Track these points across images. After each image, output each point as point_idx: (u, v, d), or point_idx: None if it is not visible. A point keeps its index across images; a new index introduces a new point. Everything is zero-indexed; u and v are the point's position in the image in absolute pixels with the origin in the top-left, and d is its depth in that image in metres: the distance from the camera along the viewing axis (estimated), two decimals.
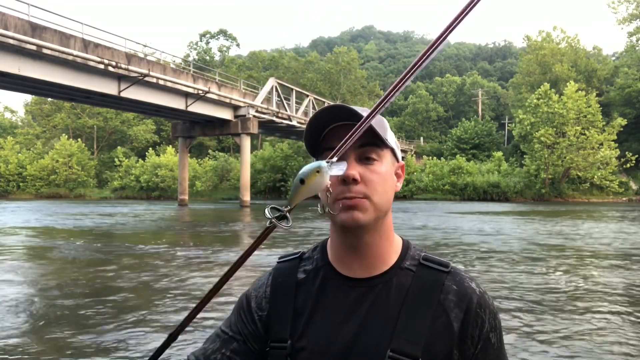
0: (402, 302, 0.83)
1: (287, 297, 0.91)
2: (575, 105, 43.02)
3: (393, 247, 0.88)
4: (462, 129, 61.81)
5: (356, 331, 0.83)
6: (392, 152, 0.87)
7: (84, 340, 4.67)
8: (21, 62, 19.66)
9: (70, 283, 7.59)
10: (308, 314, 0.88)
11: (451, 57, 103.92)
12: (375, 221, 0.83)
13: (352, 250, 0.87)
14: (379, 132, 0.82)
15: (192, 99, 29.03)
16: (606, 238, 13.76)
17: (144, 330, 5.00)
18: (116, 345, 4.55)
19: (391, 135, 0.88)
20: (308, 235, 14.34)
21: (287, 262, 0.97)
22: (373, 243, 0.86)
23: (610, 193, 44.68)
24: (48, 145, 63.36)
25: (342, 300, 0.86)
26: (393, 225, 0.90)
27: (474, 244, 12.26)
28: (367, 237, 0.85)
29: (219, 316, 5.30)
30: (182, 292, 6.84)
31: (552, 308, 5.96)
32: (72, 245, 12.46)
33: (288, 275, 0.93)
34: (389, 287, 0.85)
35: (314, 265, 0.92)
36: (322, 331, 0.85)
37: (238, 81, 35.47)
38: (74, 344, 4.58)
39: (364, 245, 0.86)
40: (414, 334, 0.81)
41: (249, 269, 8.57)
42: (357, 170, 0.82)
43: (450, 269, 0.86)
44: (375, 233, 0.85)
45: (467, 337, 0.82)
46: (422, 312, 0.82)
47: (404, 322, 0.81)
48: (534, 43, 58.43)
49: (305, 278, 0.91)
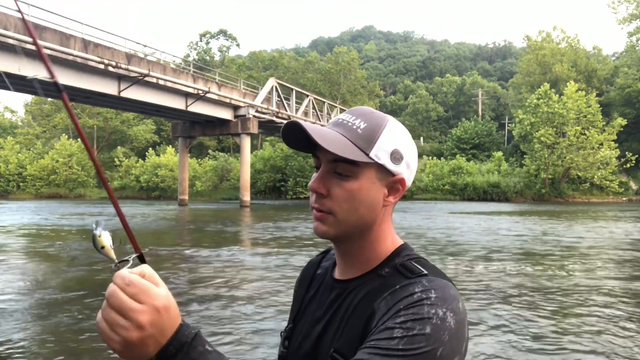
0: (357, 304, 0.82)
1: (303, 287, 0.99)
2: (575, 105, 43.01)
3: (379, 253, 0.86)
4: (462, 129, 61.79)
5: (323, 328, 0.85)
6: (379, 167, 0.82)
7: (83, 341, 4.67)
8: (21, 62, 19.65)
9: (71, 283, 7.59)
10: (305, 305, 0.94)
11: (451, 57, 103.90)
12: (343, 234, 0.84)
13: (337, 253, 0.90)
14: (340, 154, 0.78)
15: (192, 99, 29.03)
16: (606, 238, 13.76)
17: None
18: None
19: (385, 146, 0.82)
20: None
21: (316, 257, 1.05)
22: (352, 250, 0.86)
23: (610, 193, 44.69)
24: (48, 145, 63.35)
25: (325, 299, 0.89)
26: (391, 231, 0.87)
27: (474, 244, 12.25)
28: (343, 245, 0.86)
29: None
30: (182, 292, 6.84)
31: (552, 308, 5.96)
32: (72, 245, 12.46)
33: (310, 268, 1.02)
34: (357, 291, 0.84)
35: (329, 263, 0.98)
36: (306, 324, 0.90)
37: (238, 81, 35.46)
38: (74, 344, 4.58)
39: (343, 251, 0.87)
40: (353, 334, 0.79)
41: (250, 268, 8.57)
42: (324, 184, 0.82)
43: (416, 277, 0.78)
44: (353, 242, 0.85)
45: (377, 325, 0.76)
46: (361, 313, 0.80)
47: (350, 323, 0.81)
48: (534, 43, 58.41)
49: (320, 273, 0.98)
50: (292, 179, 50.53)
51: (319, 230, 0.84)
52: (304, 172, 50.91)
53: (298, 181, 50.47)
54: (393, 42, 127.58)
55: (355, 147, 0.80)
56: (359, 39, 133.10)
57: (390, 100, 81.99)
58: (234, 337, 4.82)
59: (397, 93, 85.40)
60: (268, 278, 7.76)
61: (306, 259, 1.41)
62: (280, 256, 10.10)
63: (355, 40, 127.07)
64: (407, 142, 0.85)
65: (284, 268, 8.63)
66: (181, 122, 35.79)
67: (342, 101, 60.15)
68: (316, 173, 0.85)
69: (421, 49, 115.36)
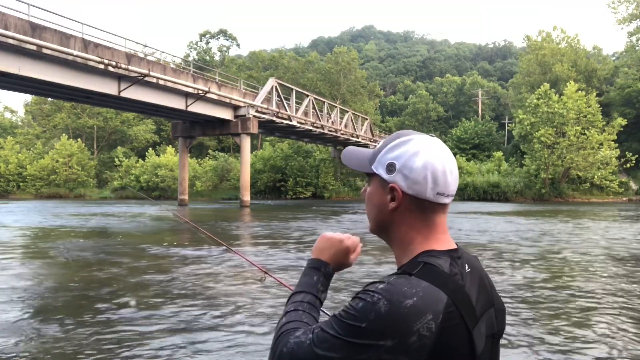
0: None
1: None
2: (575, 105, 43.01)
3: (406, 254, 1.00)
4: (462, 129, 61.82)
5: None
6: (380, 177, 1.02)
7: (83, 341, 4.67)
8: (21, 62, 19.64)
9: (70, 283, 7.59)
10: None
11: (451, 57, 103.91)
12: (375, 230, 1.06)
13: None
14: (351, 166, 1.06)
15: (192, 99, 29.02)
16: (605, 238, 13.76)
17: (144, 331, 5.00)
18: (117, 345, 4.55)
19: (384, 159, 1.01)
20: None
21: None
22: (390, 246, 1.06)
23: (610, 193, 44.69)
24: (48, 145, 63.37)
25: None
26: (419, 235, 1.00)
27: (472, 243, 12.25)
28: (384, 240, 1.07)
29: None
30: (181, 292, 6.84)
31: (550, 309, 5.95)
32: (71, 245, 12.45)
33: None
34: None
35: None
36: None
37: (238, 81, 35.42)
38: (74, 345, 4.58)
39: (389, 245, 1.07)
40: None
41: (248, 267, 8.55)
42: (364, 191, 1.07)
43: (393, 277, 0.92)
44: (385, 240, 1.06)
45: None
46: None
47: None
48: (534, 43, 58.40)
49: None
50: (292, 179, 50.53)
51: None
52: (304, 172, 50.93)
53: (298, 181, 50.48)
54: (393, 42, 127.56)
55: (367, 161, 1.04)
56: (359, 39, 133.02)
57: (390, 100, 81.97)
58: (231, 336, 4.82)
59: (397, 93, 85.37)
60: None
61: (306, 258, 1.41)
62: (281, 256, 10.11)
63: (355, 40, 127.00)
64: (410, 155, 0.98)
65: (284, 268, 8.64)
66: (181, 122, 35.79)
67: (342, 101, 60.16)
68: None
69: (421, 49, 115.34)
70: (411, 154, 0.98)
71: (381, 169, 1.01)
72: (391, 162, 1.00)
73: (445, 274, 0.92)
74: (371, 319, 0.85)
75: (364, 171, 1.04)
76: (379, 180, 1.02)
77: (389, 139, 1.04)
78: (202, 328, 5.10)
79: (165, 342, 4.63)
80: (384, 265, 8.65)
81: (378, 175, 1.02)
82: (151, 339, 4.73)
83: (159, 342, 4.61)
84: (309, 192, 50.69)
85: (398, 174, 0.99)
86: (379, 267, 8.56)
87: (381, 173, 1.01)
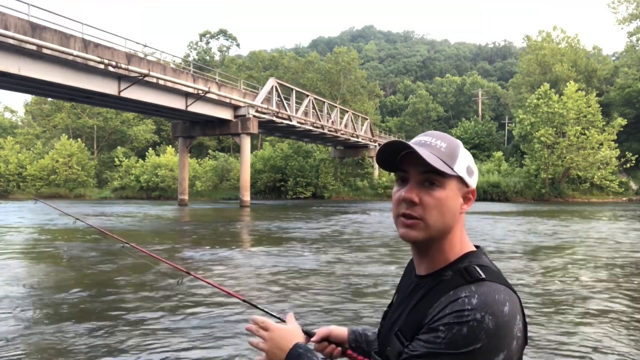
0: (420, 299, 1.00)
1: (403, 277, 1.19)
2: (575, 105, 42.99)
3: (449, 256, 1.01)
4: (462, 129, 61.81)
5: (400, 313, 1.05)
6: (459, 179, 1.00)
7: (83, 341, 4.67)
8: (21, 62, 19.63)
9: (70, 283, 7.59)
10: (395, 292, 1.18)
11: (451, 57, 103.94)
12: (430, 238, 1.00)
13: (415, 253, 1.07)
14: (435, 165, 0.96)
15: (192, 98, 29.02)
16: (604, 238, 13.76)
17: (143, 331, 5.00)
18: (116, 346, 4.54)
19: (463, 163, 1.00)
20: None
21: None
22: (430, 252, 1.02)
23: (610, 193, 44.68)
24: (48, 145, 63.36)
25: (405, 289, 1.09)
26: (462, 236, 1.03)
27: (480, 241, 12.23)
28: (424, 246, 1.02)
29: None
30: (181, 292, 6.83)
31: (550, 308, 5.95)
32: (71, 244, 12.45)
33: (411, 263, 1.17)
34: (423, 287, 1.02)
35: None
36: (393, 307, 1.12)
37: (238, 81, 35.41)
38: (74, 345, 4.58)
39: (422, 252, 1.04)
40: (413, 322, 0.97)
41: (252, 270, 8.56)
42: (416, 194, 0.98)
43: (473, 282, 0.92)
44: (432, 245, 1.01)
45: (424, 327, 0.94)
46: (422, 308, 0.97)
47: (413, 312, 0.99)
48: (534, 43, 58.40)
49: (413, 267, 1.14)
50: (292, 179, 50.53)
51: (409, 236, 1.00)
52: (304, 172, 50.94)
53: (298, 181, 50.48)
54: (393, 42, 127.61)
55: (442, 161, 0.97)
56: (359, 39, 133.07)
57: (390, 100, 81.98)
58: (229, 336, 4.82)
59: (397, 93, 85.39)
60: (267, 278, 7.76)
61: (307, 259, 1.41)
62: (280, 256, 10.10)
63: (355, 40, 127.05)
64: (473, 161, 1.05)
65: (284, 268, 8.63)
66: (181, 122, 35.78)
67: (342, 101, 60.18)
68: (398, 186, 1.02)
69: (421, 49, 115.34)
70: (471, 158, 1.04)
71: (463, 172, 1.00)
72: (469, 166, 1.02)
73: (500, 272, 0.96)
74: (484, 338, 0.84)
75: (444, 171, 0.97)
76: (456, 182, 1.00)
77: (449, 140, 1.02)
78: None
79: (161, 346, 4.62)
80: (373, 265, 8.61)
81: (456, 177, 0.99)
82: (152, 340, 4.73)
83: (160, 343, 4.61)
84: (309, 192, 50.69)
85: (474, 178, 1.03)
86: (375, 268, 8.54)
87: (464, 176, 1.00)
